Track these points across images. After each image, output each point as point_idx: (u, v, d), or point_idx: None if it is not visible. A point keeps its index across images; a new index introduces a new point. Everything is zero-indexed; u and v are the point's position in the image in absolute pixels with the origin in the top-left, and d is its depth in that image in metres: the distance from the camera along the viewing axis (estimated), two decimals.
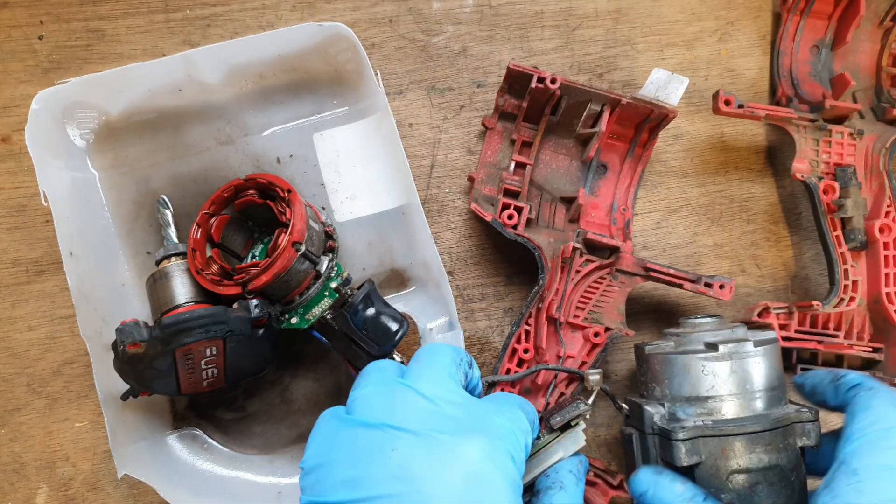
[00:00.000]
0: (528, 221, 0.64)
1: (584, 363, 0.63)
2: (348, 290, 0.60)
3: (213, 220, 0.61)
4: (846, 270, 0.64)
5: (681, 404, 0.54)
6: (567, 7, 0.71)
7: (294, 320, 0.60)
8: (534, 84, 0.62)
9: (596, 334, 0.62)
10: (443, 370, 0.46)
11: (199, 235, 0.60)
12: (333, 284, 0.60)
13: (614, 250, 0.63)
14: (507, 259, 0.70)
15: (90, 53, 0.69)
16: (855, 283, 0.64)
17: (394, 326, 0.59)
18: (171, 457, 0.65)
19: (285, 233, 0.57)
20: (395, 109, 0.70)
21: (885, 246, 0.64)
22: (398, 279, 0.67)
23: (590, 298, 0.64)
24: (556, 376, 0.62)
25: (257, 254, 0.63)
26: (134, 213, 0.66)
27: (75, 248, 0.62)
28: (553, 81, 0.62)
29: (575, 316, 0.63)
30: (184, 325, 0.55)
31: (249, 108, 0.66)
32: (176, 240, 0.63)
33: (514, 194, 0.64)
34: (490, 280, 0.70)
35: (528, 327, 0.63)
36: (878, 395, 0.48)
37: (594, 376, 0.57)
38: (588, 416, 0.53)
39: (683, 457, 0.50)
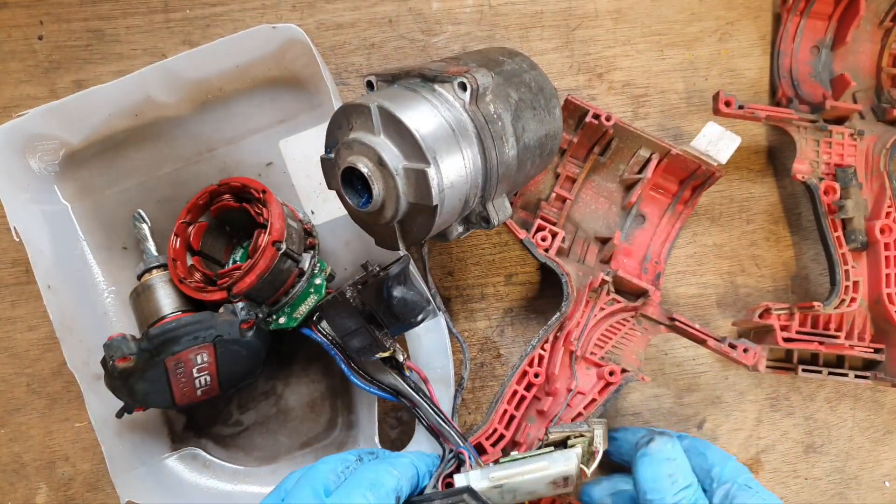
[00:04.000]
0: (559, 250, 0.64)
1: (593, 401, 0.61)
2: (375, 268, 0.59)
3: (190, 228, 0.61)
4: (847, 271, 0.64)
5: None
6: (567, 7, 0.71)
7: (282, 320, 0.60)
8: (588, 119, 0.63)
9: (611, 373, 0.61)
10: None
11: (178, 245, 0.60)
12: (318, 280, 0.60)
13: (642, 294, 0.63)
14: (508, 260, 0.70)
15: (90, 53, 0.69)
16: (856, 283, 0.64)
17: (419, 307, 0.58)
18: (173, 478, 0.65)
19: (265, 233, 0.57)
20: None
21: (886, 247, 0.64)
22: None
23: (610, 338, 0.63)
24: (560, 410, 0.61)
25: (238, 258, 0.63)
26: (109, 240, 0.66)
27: (53, 281, 0.62)
28: (608, 119, 0.62)
29: (592, 353, 0.62)
30: (171, 333, 0.55)
31: (212, 122, 0.65)
32: (155, 252, 0.62)
33: (551, 223, 0.65)
34: (490, 280, 0.69)
35: (542, 352, 0.62)
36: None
37: (598, 429, 0.54)
38: (588, 467, 0.52)
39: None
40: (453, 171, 0.49)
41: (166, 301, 0.59)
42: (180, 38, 0.69)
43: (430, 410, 0.59)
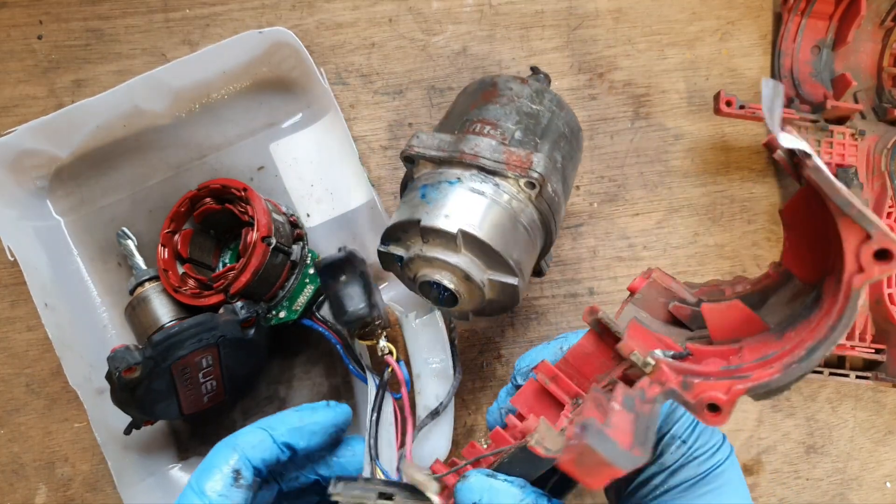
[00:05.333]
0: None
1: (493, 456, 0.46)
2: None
3: (176, 236, 0.61)
4: None
5: None
6: (567, 6, 0.71)
7: (282, 314, 0.60)
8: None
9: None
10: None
11: (166, 255, 0.60)
12: (311, 270, 0.60)
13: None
14: None
15: (89, 53, 0.68)
16: None
17: (350, 305, 0.55)
18: (181, 488, 0.64)
19: (252, 230, 0.57)
20: (395, 109, 0.69)
21: None
22: (375, 274, 0.66)
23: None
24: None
25: (227, 260, 0.63)
26: (103, 254, 0.66)
27: (50, 299, 0.62)
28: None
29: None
30: (175, 337, 0.55)
31: (201, 129, 0.65)
32: (144, 266, 0.62)
33: None
34: None
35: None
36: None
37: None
38: None
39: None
40: (529, 265, 0.52)
41: (163, 311, 0.59)
42: (180, 37, 0.69)
43: (372, 404, 0.56)
